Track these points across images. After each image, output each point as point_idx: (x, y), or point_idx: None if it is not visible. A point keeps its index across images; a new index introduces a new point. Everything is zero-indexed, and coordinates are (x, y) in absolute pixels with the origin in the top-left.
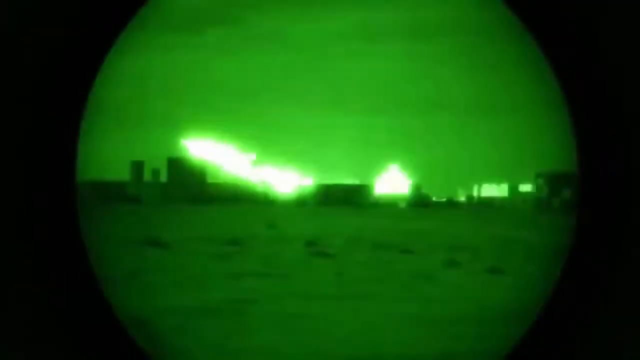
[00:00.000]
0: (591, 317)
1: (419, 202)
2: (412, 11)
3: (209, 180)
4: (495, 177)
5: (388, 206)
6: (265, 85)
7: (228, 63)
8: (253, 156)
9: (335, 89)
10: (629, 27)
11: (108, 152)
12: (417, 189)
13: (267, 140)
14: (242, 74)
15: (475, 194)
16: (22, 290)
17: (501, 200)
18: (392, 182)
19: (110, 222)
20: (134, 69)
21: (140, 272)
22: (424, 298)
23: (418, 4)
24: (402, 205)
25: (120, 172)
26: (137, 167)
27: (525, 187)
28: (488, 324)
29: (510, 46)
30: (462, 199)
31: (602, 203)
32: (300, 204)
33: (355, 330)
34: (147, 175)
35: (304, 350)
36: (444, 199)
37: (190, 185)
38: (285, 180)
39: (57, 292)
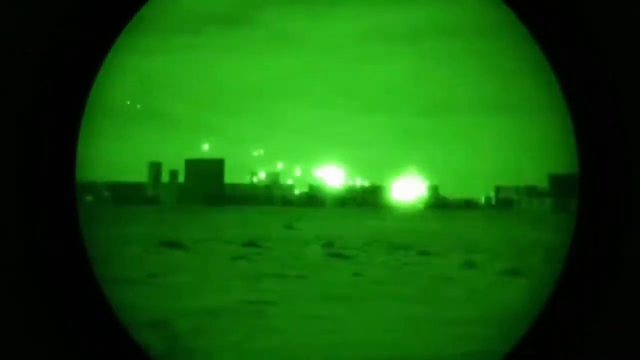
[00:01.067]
0: (591, 317)
1: (436, 203)
2: (425, 12)
3: (227, 181)
4: (512, 178)
5: (405, 207)
6: (280, 86)
7: (240, 64)
8: (261, 151)
9: (348, 90)
10: (630, 26)
11: (125, 153)
12: (434, 190)
13: (282, 141)
14: (255, 75)
15: (492, 195)
16: (21, 292)
17: (519, 201)
18: (409, 183)
19: (128, 223)
20: (144, 70)
21: (158, 274)
22: (442, 299)
23: (431, 4)
24: (420, 206)
25: (138, 174)
26: (155, 168)
27: (543, 189)
28: (506, 325)
29: (526, 46)
30: (480, 200)
31: (602, 203)
32: (318, 204)
33: (373, 332)
34: (164, 177)
35: (322, 352)
36: (462, 200)
37: (208, 186)
38: (301, 181)
39: (56, 294)
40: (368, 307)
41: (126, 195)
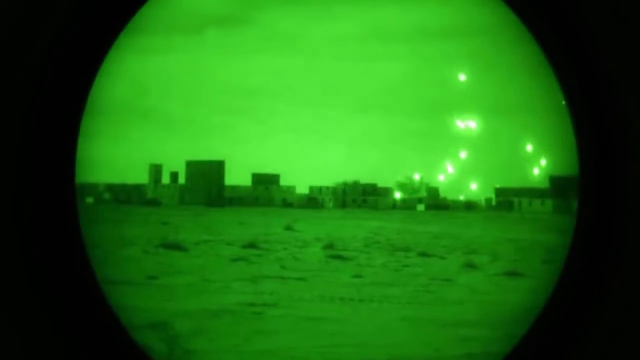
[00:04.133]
0: (591, 317)
1: (436, 204)
2: (423, 11)
3: (227, 183)
4: (512, 180)
5: (406, 208)
6: (280, 87)
7: (239, 64)
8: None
9: (349, 91)
10: (630, 26)
11: (126, 155)
12: (434, 191)
13: (282, 142)
14: (254, 75)
15: (492, 196)
16: (21, 295)
17: (519, 202)
18: (411, 184)
19: (128, 224)
20: (143, 70)
21: (158, 275)
22: (443, 301)
23: (429, 3)
24: (420, 207)
25: (138, 175)
26: (156, 170)
27: (543, 190)
28: (506, 327)
29: (526, 47)
30: (480, 201)
31: (603, 203)
32: (318, 206)
33: (373, 333)
34: (165, 178)
35: (322, 353)
36: (462, 202)
37: (208, 188)
38: (302, 182)
39: (56, 296)
40: (368, 309)
41: (127, 196)
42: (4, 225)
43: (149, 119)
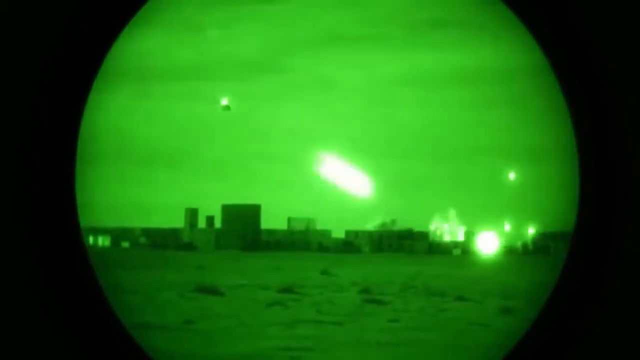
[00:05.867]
0: (591, 319)
1: (472, 248)
2: (466, 58)
3: (263, 227)
4: (549, 224)
5: (442, 253)
6: (315, 131)
7: (277, 109)
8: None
9: (383, 135)
10: (630, 26)
11: (162, 199)
12: (471, 236)
13: (318, 186)
14: (289, 120)
15: (529, 240)
16: (21, 295)
17: (555, 247)
18: (447, 229)
19: (164, 269)
20: (178, 116)
21: (195, 320)
22: (479, 345)
23: (472, 51)
24: (457, 251)
25: (175, 219)
26: (191, 214)
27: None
28: None
29: (553, 90)
30: (517, 245)
31: (603, 203)
32: (354, 250)
33: None
34: (201, 222)
35: None
36: (499, 246)
37: (244, 232)
38: (338, 226)
39: (57, 296)
40: (404, 354)
41: (163, 240)
42: (4, 225)
43: (184, 163)
